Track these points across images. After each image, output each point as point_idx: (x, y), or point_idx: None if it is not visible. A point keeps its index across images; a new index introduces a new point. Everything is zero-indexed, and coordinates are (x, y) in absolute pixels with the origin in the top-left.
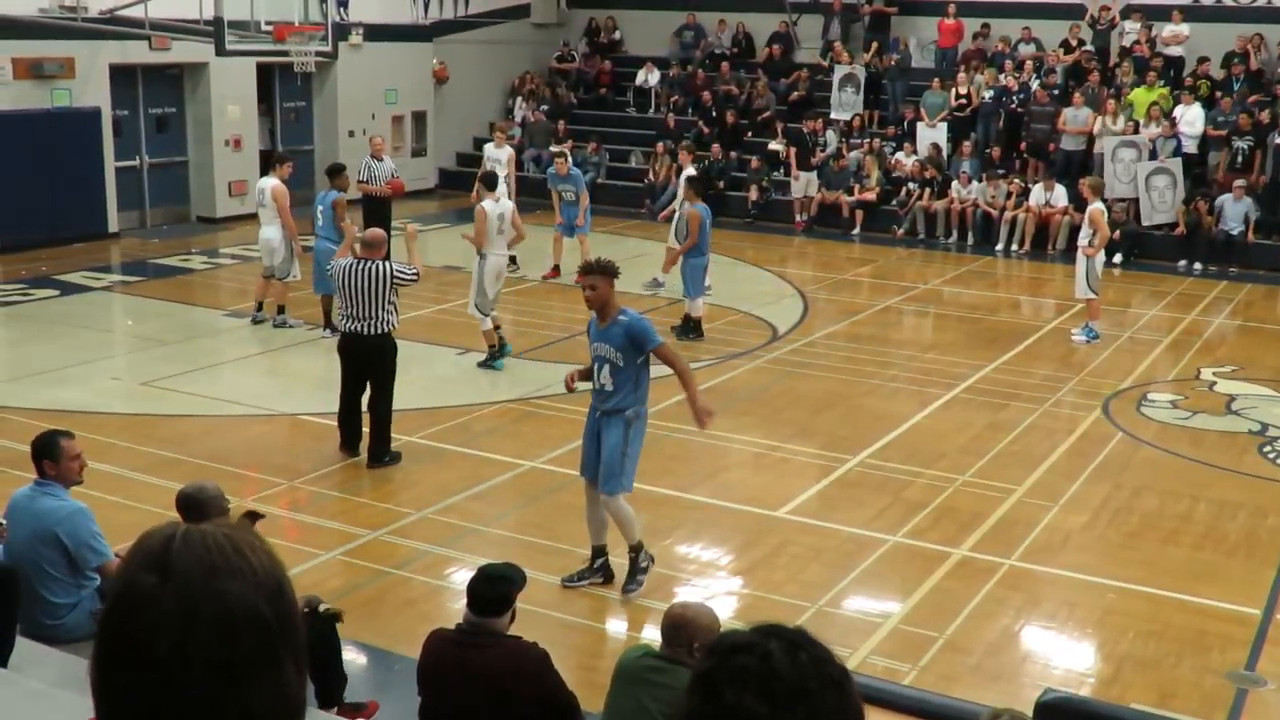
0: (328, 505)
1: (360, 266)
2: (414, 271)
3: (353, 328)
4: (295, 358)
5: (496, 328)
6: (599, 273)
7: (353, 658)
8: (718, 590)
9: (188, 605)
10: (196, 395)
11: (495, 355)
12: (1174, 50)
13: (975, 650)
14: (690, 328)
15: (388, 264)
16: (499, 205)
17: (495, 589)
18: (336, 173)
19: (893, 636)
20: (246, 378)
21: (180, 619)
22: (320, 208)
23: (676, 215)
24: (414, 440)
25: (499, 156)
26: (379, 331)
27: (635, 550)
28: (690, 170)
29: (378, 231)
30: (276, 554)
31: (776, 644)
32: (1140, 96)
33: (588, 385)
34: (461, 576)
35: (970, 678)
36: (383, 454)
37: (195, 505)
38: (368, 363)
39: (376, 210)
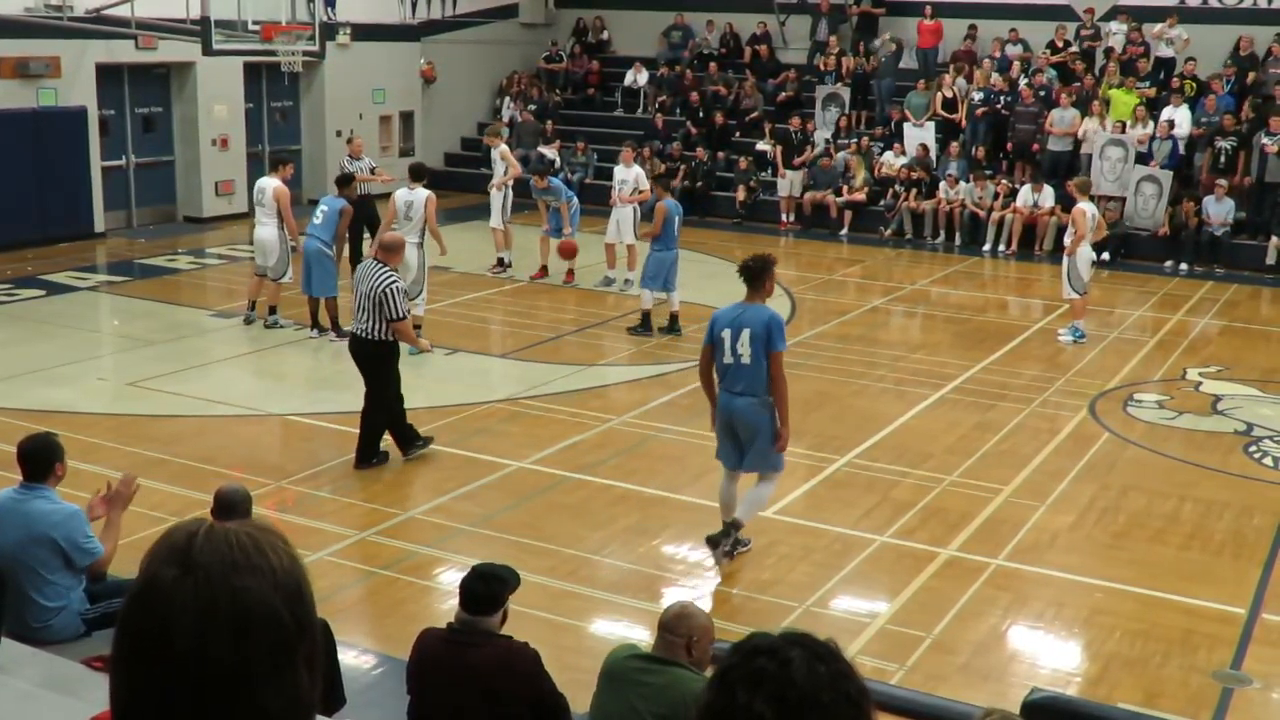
0: (315, 505)
1: (369, 268)
2: (401, 315)
3: (354, 329)
4: (283, 358)
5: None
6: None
7: (340, 658)
8: (706, 590)
9: (206, 600)
10: (183, 395)
11: None
12: (1165, 52)
13: (963, 650)
14: (643, 322)
15: (390, 277)
16: (412, 194)
17: (488, 587)
18: (346, 183)
19: (880, 636)
20: (234, 378)
21: (198, 613)
22: (325, 208)
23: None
24: None
25: (494, 155)
26: (375, 336)
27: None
28: (636, 168)
29: (396, 236)
30: (299, 556)
31: (798, 652)
32: (1119, 97)
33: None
34: (449, 577)
35: (958, 677)
36: (369, 456)
37: (224, 506)
38: (364, 366)
39: (361, 209)
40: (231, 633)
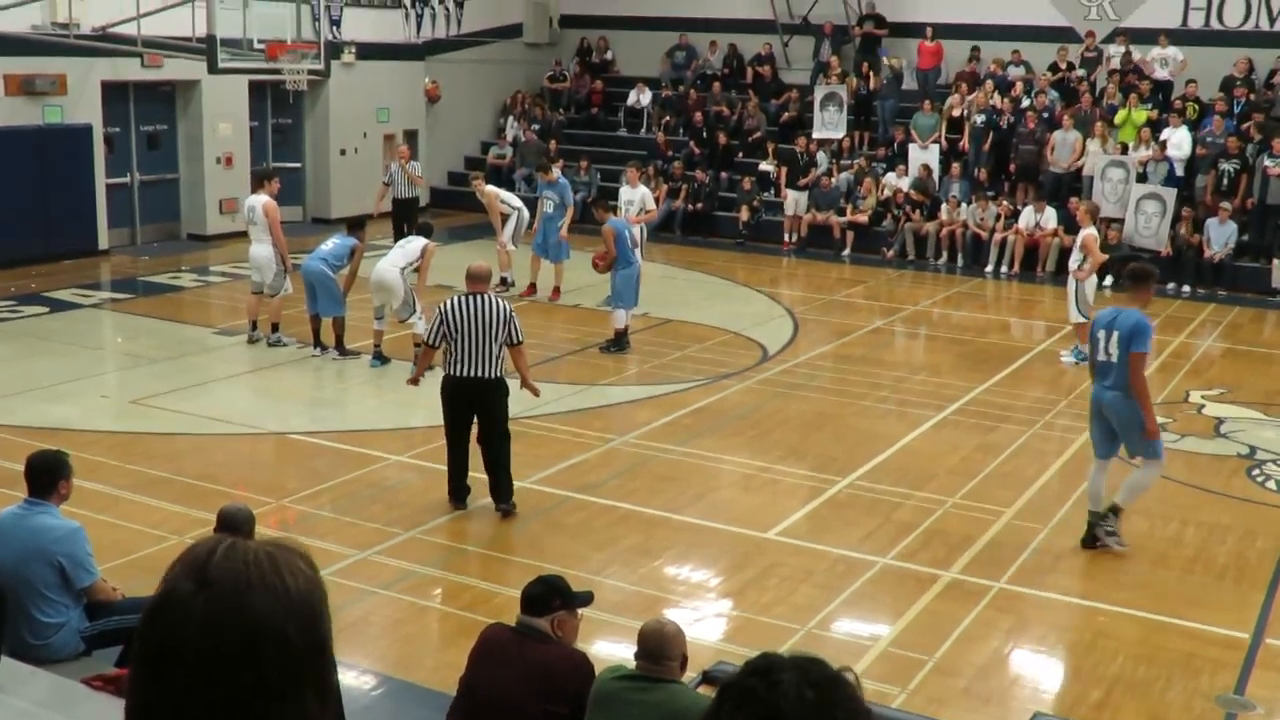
0: (317, 524)
1: (472, 302)
2: (523, 338)
3: (465, 371)
4: (285, 376)
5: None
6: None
7: (339, 678)
8: (707, 612)
9: (215, 617)
10: (186, 413)
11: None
12: (1161, 74)
13: (965, 673)
14: (614, 340)
15: (503, 300)
16: (415, 240)
17: (539, 590)
18: (360, 225)
19: (883, 659)
20: (236, 395)
21: (206, 630)
22: (336, 239)
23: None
24: (403, 459)
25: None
26: (494, 374)
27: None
28: (642, 189)
29: (482, 265)
30: (319, 580)
31: (791, 675)
32: (1124, 119)
33: None
34: (449, 598)
35: (960, 700)
36: (510, 491)
37: (227, 525)
38: (479, 407)
39: (403, 212)
40: (238, 651)
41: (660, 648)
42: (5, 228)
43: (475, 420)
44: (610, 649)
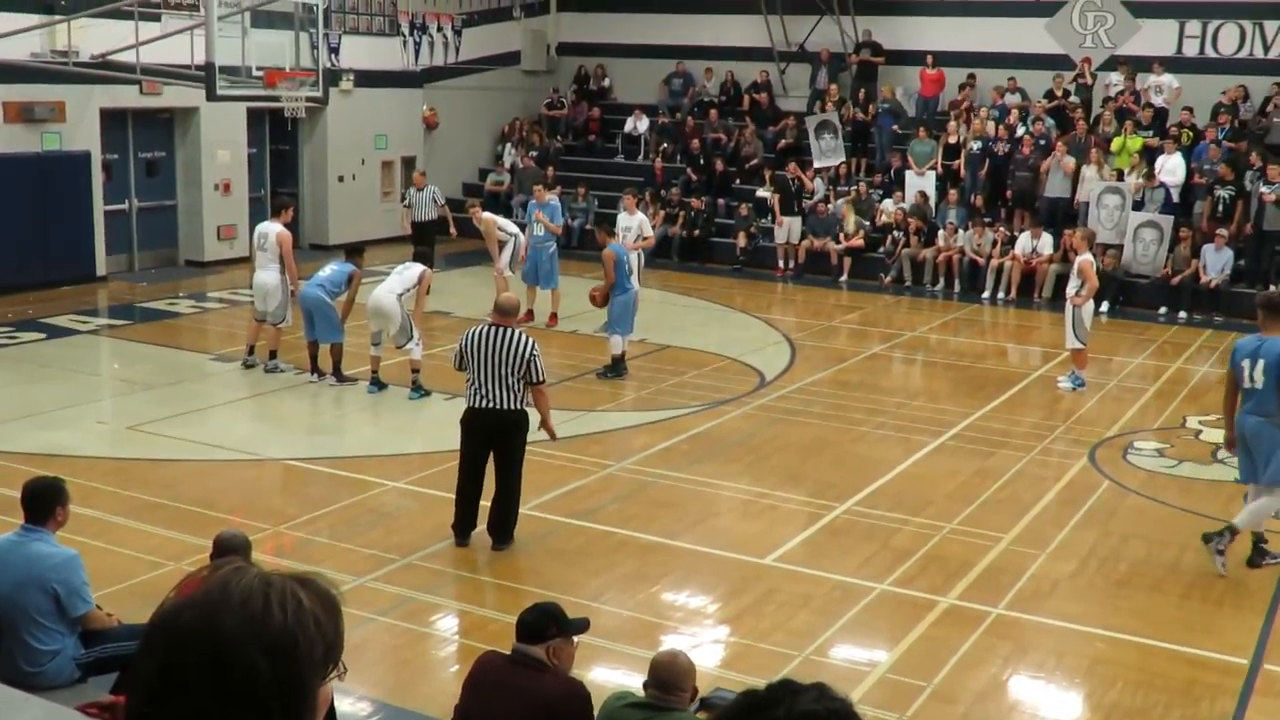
0: (314, 550)
1: (494, 334)
2: (545, 378)
3: (485, 404)
4: (283, 402)
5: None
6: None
7: (335, 705)
8: (705, 638)
9: (185, 631)
10: (183, 439)
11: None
12: (1157, 101)
13: (963, 699)
14: (611, 366)
15: (531, 340)
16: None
17: (535, 617)
18: (358, 251)
19: (880, 685)
20: (233, 422)
21: (172, 643)
22: (334, 265)
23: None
24: (400, 485)
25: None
26: (516, 406)
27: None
28: (639, 216)
29: (511, 297)
30: (323, 619)
31: (786, 697)
32: (1120, 146)
33: None
34: (446, 624)
35: None
36: (511, 531)
37: (223, 551)
38: (498, 440)
39: (421, 235)
40: (196, 671)
41: (674, 679)
42: (3, 254)
43: (491, 455)
44: (607, 675)
